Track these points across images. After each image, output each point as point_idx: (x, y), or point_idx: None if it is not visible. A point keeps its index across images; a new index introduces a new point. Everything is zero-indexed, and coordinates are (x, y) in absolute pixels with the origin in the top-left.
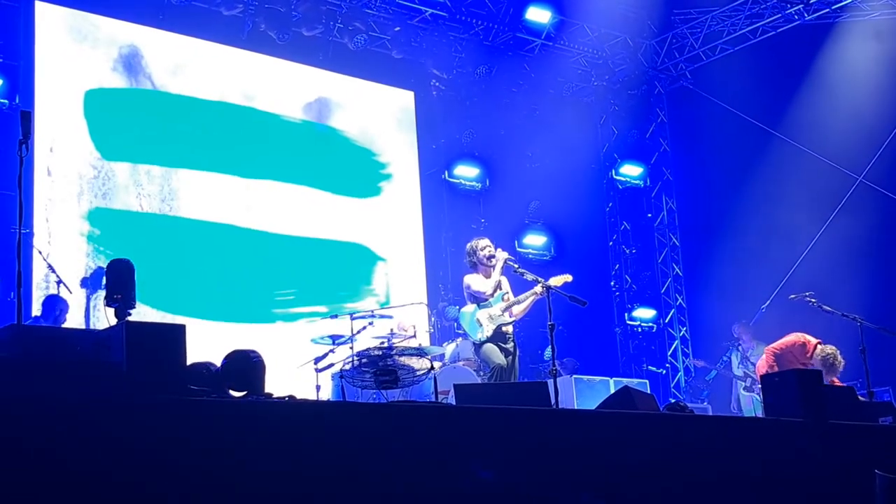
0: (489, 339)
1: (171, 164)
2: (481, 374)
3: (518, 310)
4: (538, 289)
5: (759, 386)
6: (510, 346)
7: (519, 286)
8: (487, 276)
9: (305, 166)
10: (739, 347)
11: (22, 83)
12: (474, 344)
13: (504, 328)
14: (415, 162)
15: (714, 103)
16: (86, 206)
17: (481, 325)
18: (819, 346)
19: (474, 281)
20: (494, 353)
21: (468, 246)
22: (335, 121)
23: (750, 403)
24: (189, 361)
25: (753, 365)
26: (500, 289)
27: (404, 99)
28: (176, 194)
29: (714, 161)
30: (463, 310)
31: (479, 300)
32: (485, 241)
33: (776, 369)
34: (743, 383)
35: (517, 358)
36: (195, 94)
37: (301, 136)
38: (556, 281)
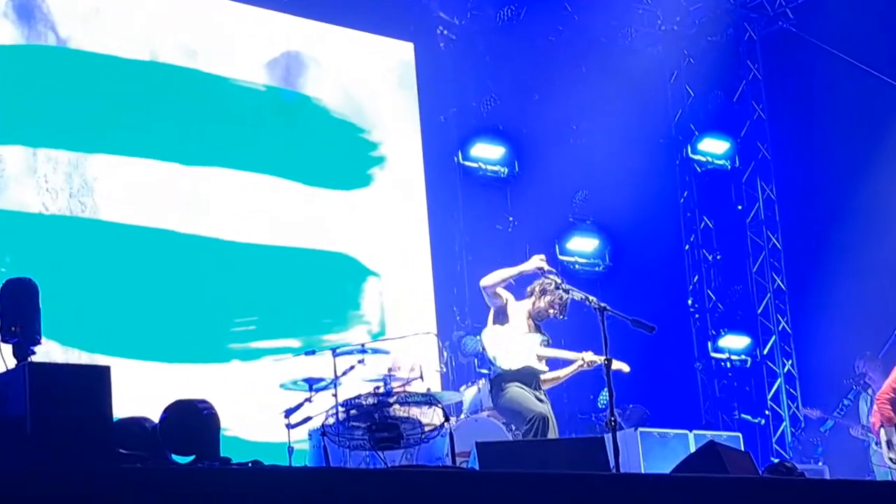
0: (514, 377)
1: (84, 147)
2: (512, 428)
3: (550, 382)
4: (581, 363)
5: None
6: (541, 393)
7: (561, 333)
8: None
9: (269, 148)
10: (868, 388)
11: None
12: (492, 378)
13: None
14: (417, 140)
15: (827, 52)
16: None
17: (507, 352)
18: None
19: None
20: (526, 397)
21: (544, 284)
22: (309, 86)
23: (885, 464)
24: (116, 416)
25: None
26: (542, 333)
27: (402, 53)
28: (91, 189)
29: (828, 132)
30: (486, 330)
31: (497, 314)
32: (560, 297)
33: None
34: (874, 437)
35: (550, 408)
36: (115, 51)
37: (263, 106)
38: (615, 363)
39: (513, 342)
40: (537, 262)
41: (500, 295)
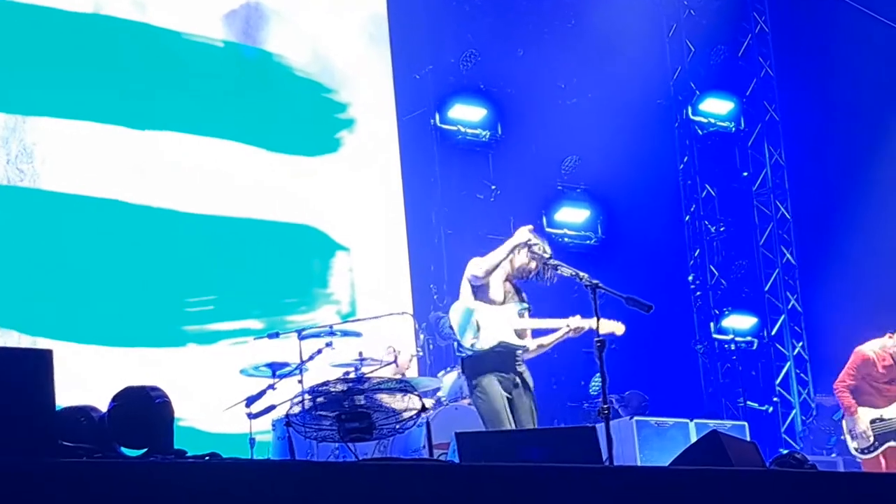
0: (487, 363)
1: (22, 110)
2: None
3: (535, 351)
4: (567, 329)
5: None
6: (521, 374)
7: (541, 298)
8: (506, 277)
9: (227, 111)
10: None
11: None
12: (466, 364)
13: (519, 351)
14: (390, 100)
15: (842, 2)
16: None
17: (479, 330)
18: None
19: (473, 263)
20: (498, 412)
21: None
22: (271, 41)
23: None
24: (59, 405)
25: None
26: (522, 299)
27: (373, 5)
28: (31, 155)
29: (842, 90)
30: (462, 302)
31: (475, 287)
32: (543, 247)
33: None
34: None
35: (532, 392)
36: (55, 2)
37: (220, 64)
38: (605, 325)
39: (484, 317)
40: (526, 234)
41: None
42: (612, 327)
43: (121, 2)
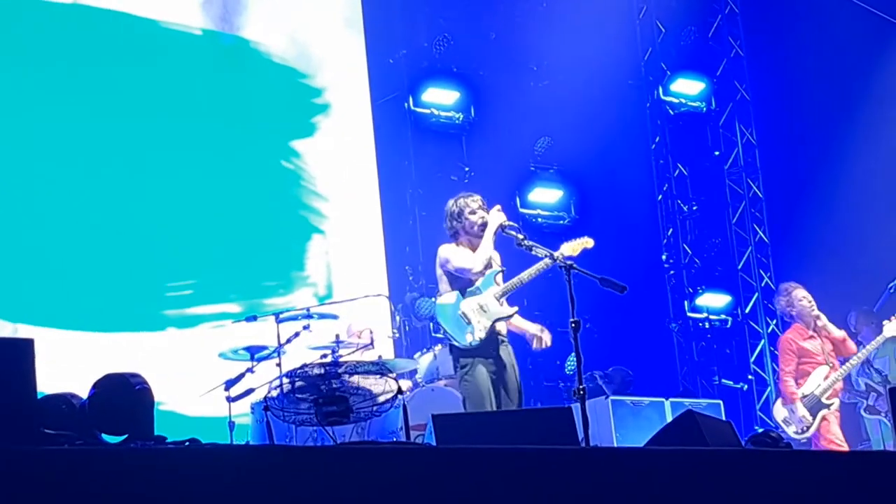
0: (482, 345)
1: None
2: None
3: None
4: (544, 263)
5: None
6: (505, 352)
7: (517, 262)
8: (474, 248)
9: (204, 97)
10: (861, 347)
11: None
12: (454, 350)
13: (499, 325)
14: (364, 84)
15: None
16: None
17: (470, 323)
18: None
19: (455, 254)
20: (479, 373)
21: (450, 205)
22: (248, 27)
23: (878, 430)
24: (40, 392)
25: (879, 373)
26: (491, 266)
27: None
28: None
29: (812, 70)
30: (440, 300)
31: (463, 283)
32: (475, 199)
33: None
34: (864, 401)
35: (516, 370)
36: None
37: (198, 52)
38: (571, 248)
39: (470, 310)
40: (500, 216)
41: None
42: (581, 244)
43: None
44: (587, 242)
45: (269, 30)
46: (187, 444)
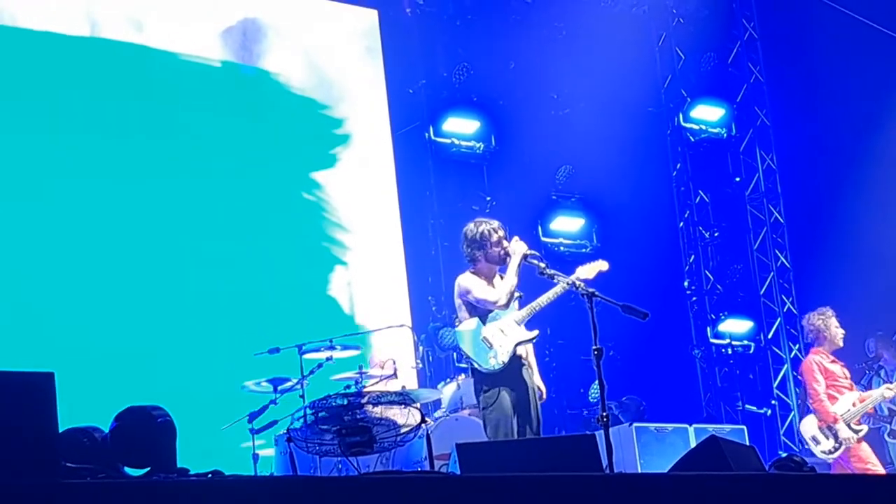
0: (504, 369)
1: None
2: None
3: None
4: (561, 287)
5: None
6: (527, 375)
7: (536, 288)
8: (492, 275)
9: (225, 129)
10: (881, 371)
11: None
12: (476, 374)
13: (519, 348)
14: (384, 115)
15: (828, 7)
16: None
17: (492, 347)
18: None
19: (477, 286)
20: (502, 401)
21: (470, 229)
22: (267, 57)
23: None
24: (62, 426)
25: None
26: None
27: (365, 22)
28: None
29: (831, 94)
30: (460, 327)
31: (482, 310)
32: (498, 228)
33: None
34: (888, 425)
35: (537, 393)
36: (51, 26)
37: (218, 83)
38: (586, 271)
39: (492, 334)
40: (523, 247)
41: None
42: (597, 267)
43: (114, 22)
44: (602, 265)
45: (289, 61)
46: (210, 476)
